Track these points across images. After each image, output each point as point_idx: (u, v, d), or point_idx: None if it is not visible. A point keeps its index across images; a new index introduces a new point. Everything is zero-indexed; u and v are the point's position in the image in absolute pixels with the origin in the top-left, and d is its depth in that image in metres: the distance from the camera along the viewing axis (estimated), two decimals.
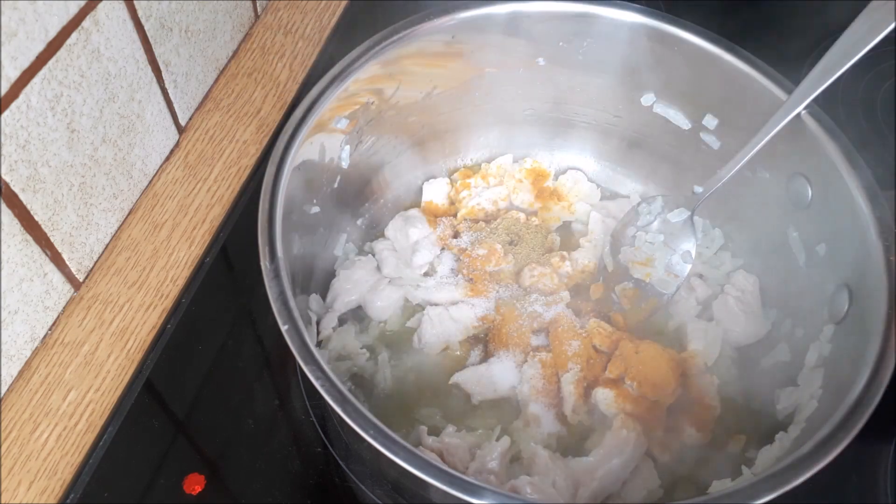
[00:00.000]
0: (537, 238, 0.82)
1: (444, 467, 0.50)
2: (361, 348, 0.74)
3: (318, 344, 0.73)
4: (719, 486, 0.64)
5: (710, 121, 0.76)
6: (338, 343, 0.73)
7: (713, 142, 0.77)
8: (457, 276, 0.80)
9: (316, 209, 0.72)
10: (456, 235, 0.82)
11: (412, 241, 0.80)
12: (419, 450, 0.51)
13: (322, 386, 0.52)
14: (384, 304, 0.77)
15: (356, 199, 0.81)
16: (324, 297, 0.76)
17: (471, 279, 0.79)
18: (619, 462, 0.65)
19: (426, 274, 0.80)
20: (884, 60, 1.00)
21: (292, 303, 0.57)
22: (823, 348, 0.65)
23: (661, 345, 0.74)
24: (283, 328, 0.55)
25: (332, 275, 0.78)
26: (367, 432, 0.50)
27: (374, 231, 0.83)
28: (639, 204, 0.81)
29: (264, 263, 0.59)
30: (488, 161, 0.88)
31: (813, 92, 0.66)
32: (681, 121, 0.78)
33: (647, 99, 0.79)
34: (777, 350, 0.73)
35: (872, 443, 0.70)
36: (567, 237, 0.84)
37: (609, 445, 0.66)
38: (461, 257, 0.80)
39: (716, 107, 0.75)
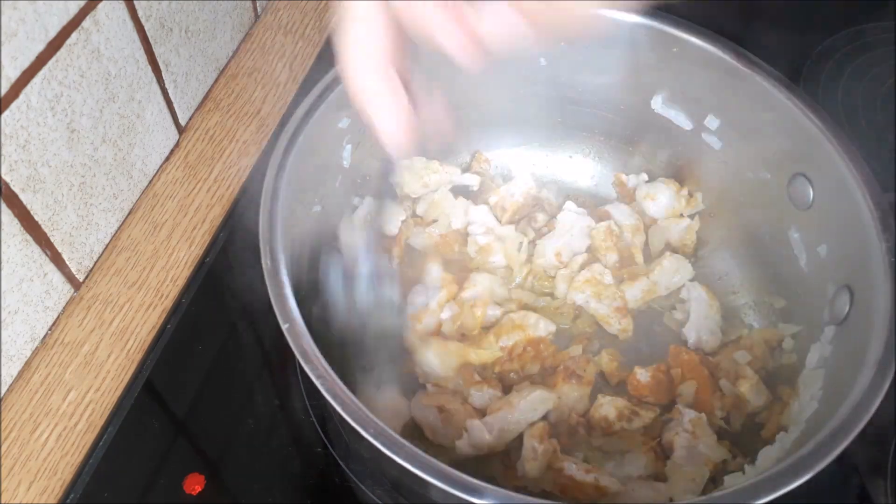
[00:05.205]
0: None
1: (445, 467, 0.50)
2: None
3: None
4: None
5: (712, 121, 0.76)
6: None
7: (715, 142, 0.77)
8: None
9: (317, 208, 0.72)
10: None
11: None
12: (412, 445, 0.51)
13: (322, 384, 0.52)
14: None
15: (357, 197, 0.81)
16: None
17: None
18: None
19: None
20: (884, 60, 1.00)
21: (292, 301, 0.56)
22: (824, 349, 0.65)
23: None
24: (284, 327, 0.55)
25: None
26: (367, 430, 0.50)
27: None
28: None
29: (265, 262, 0.59)
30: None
31: None
32: (682, 121, 0.78)
33: (649, 99, 0.79)
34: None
35: (872, 443, 0.70)
36: None
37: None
38: None
39: (717, 107, 0.75)
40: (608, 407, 0.69)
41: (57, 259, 0.72)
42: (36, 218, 0.67)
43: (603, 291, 0.76)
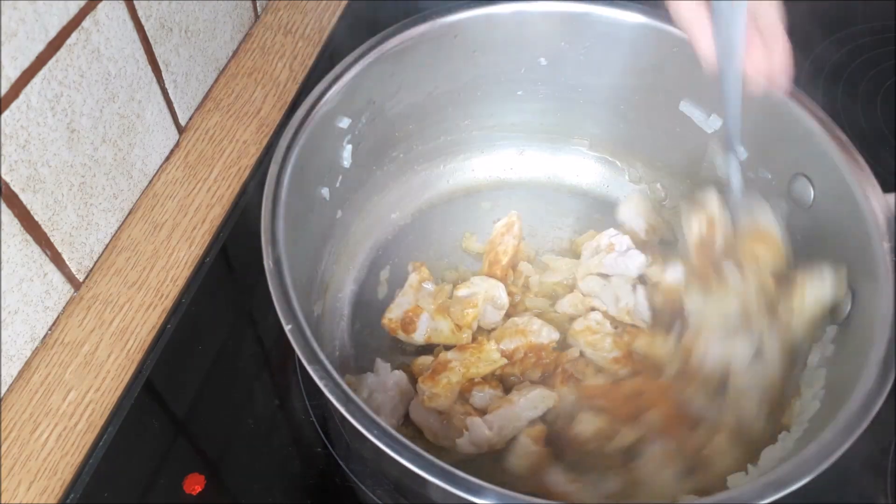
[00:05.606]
0: None
1: (447, 467, 0.50)
2: None
3: None
4: None
5: (715, 121, 0.76)
6: None
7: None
8: None
9: (319, 208, 0.72)
10: None
11: None
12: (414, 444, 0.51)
13: (326, 386, 0.52)
14: None
15: (357, 198, 0.81)
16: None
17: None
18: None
19: None
20: (884, 60, 1.00)
21: (295, 302, 0.56)
22: (826, 349, 0.65)
23: None
24: (287, 328, 0.55)
25: None
26: (371, 432, 0.50)
27: None
28: None
29: (267, 263, 0.58)
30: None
31: None
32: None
33: (649, 99, 0.79)
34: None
35: (873, 443, 0.70)
36: None
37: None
38: None
39: (717, 107, 0.75)
40: (587, 424, 0.67)
41: (57, 259, 0.72)
42: (36, 218, 0.67)
43: (599, 343, 0.73)
